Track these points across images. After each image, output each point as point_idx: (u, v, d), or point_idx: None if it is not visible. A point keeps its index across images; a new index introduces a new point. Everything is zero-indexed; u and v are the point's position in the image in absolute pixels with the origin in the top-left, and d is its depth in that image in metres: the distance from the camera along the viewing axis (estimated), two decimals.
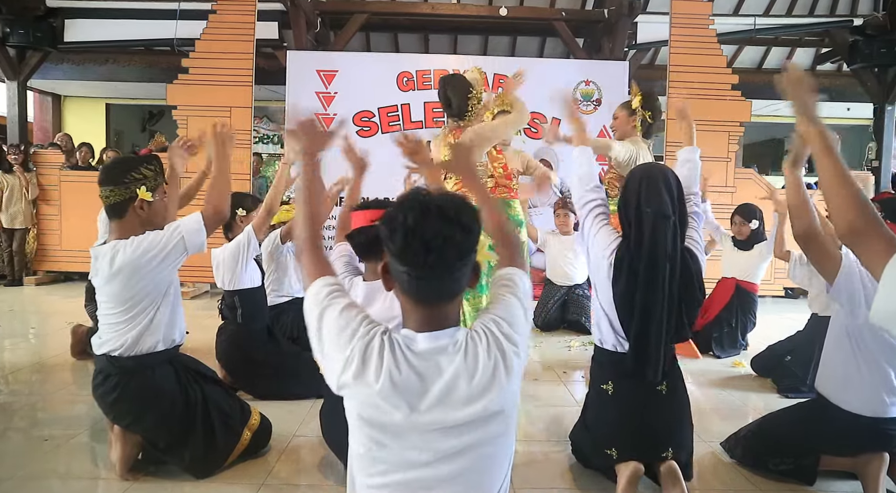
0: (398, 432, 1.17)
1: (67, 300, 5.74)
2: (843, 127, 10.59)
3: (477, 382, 1.16)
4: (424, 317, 1.21)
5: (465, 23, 7.75)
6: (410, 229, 1.13)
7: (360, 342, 1.18)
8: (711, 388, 3.56)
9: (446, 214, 1.14)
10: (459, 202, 1.19)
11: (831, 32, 7.75)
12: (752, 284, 4.35)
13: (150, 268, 2.10)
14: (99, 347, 2.22)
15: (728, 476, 2.42)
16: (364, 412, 1.19)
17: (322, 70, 6.54)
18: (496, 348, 1.19)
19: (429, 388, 1.16)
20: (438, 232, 1.12)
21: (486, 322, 1.24)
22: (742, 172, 6.83)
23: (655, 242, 2.06)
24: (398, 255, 1.16)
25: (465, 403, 1.16)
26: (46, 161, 6.91)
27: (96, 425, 2.71)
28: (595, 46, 7.78)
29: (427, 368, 1.17)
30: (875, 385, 2.14)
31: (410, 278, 1.17)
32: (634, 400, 2.16)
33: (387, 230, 1.17)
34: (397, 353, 1.17)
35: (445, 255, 1.14)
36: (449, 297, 1.22)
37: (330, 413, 2.28)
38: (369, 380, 1.15)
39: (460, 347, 1.19)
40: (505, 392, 1.19)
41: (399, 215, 1.15)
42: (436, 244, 1.12)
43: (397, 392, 1.15)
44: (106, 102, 10.47)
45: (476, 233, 1.19)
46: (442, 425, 1.17)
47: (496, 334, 1.21)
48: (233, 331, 3.27)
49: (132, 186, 2.15)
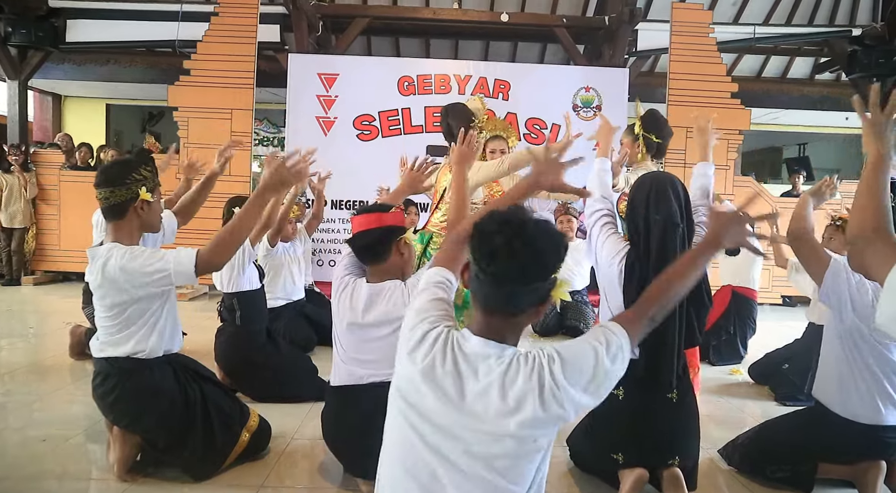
0: (429, 418, 1.21)
1: (66, 300, 5.73)
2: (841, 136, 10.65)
3: (509, 400, 1.17)
4: (482, 323, 1.26)
5: (466, 28, 7.78)
6: (486, 233, 1.19)
7: (426, 326, 1.28)
8: (710, 395, 3.56)
9: (525, 231, 1.18)
10: (549, 230, 1.22)
11: (830, 42, 7.79)
12: (750, 290, 4.36)
13: (134, 285, 2.09)
14: (97, 350, 2.22)
15: (726, 483, 2.43)
16: (403, 387, 1.26)
17: (323, 73, 6.55)
18: (537, 378, 1.17)
19: (464, 388, 1.20)
20: (508, 244, 1.16)
21: (541, 352, 1.22)
22: (741, 179, 6.85)
23: (665, 249, 2.09)
24: (471, 252, 1.24)
25: (495, 415, 1.17)
26: (46, 161, 6.91)
27: (94, 425, 2.70)
28: (595, 53, 7.81)
29: (467, 368, 1.21)
30: (870, 391, 2.16)
31: (476, 278, 1.24)
32: (644, 406, 2.17)
33: (473, 228, 1.24)
34: (448, 346, 1.24)
35: (509, 269, 1.17)
36: (504, 311, 1.23)
37: (331, 415, 2.28)
38: (416, 359, 1.24)
39: (504, 362, 1.20)
40: (537, 421, 1.16)
41: (486, 218, 1.23)
42: (501, 255, 1.17)
43: (433, 380, 1.21)
44: (106, 102, 10.48)
45: (549, 264, 1.20)
46: (469, 428, 1.18)
47: (543, 367, 1.19)
48: (232, 333, 3.27)
49: (133, 187, 2.15)
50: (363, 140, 6.53)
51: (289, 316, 4.09)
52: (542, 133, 6.59)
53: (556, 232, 1.25)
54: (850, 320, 2.15)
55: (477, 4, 8.08)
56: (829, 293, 2.15)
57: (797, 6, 8.27)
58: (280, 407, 2.97)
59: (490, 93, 6.59)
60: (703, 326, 2.23)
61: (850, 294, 2.12)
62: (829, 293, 2.15)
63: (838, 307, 2.16)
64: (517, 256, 1.16)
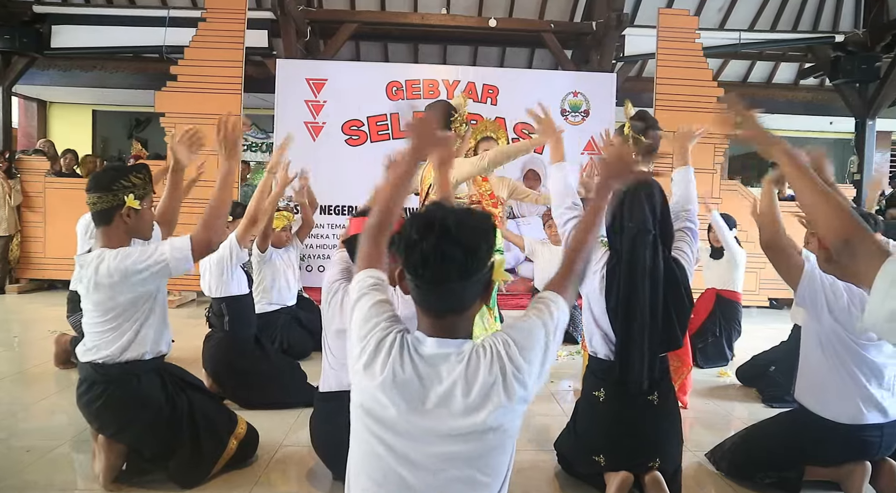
0: (395, 428, 1.19)
1: (51, 308, 5.66)
2: (825, 141, 10.79)
3: (474, 396, 1.17)
4: (433, 325, 1.24)
5: (454, 33, 7.80)
6: (413, 242, 1.17)
7: (378, 334, 1.23)
8: (697, 398, 3.58)
9: (449, 232, 1.15)
10: (471, 222, 1.19)
11: (814, 48, 7.90)
12: (734, 292, 4.40)
13: (131, 283, 2.08)
14: (84, 354, 2.20)
15: (715, 487, 2.44)
16: (366, 403, 1.22)
17: (311, 78, 6.55)
18: (498, 368, 1.19)
19: (427, 392, 1.18)
20: (437, 248, 1.15)
21: (496, 340, 1.24)
22: (727, 183, 6.92)
23: (634, 255, 2.13)
24: (402, 263, 1.21)
25: (462, 414, 1.17)
26: (31, 168, 6.83)
27: (79, 435, 2.67)
28: (583, 58, 7.86)
29: (428, 372, 1.19)
30: (850, 392, 2.18)
31: (413, 287, 1.22)
32: (624, 408, 2.19)
33: (396, 239, 1.22)
34: (405, 352, 1.21)
35: (444, 272, 1.16)
36: (453, 311, 1.23)
37: (320, 422, 2.27)
38: (375, 372, 1.19)
39: (463, 358, 1.20)
40: (504, 410, 1.18)
41: (407, 227, 1.20)
42: (434, 260, 1.15)
43: (396, 389, 1.18)
44: (92, 108, 10.40)
45: (481, 255, 1.19)
46: (436, 431, 1.18)
47: (501, 355, 1.20)
48: (220, 339, 3.25)
49: (120, 194, 2.14)
50: (352, 145, 6.53)
51: (283, 322, 4.07)
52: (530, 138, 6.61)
53: (480, 219, 1.22)
54: (828, 322, 2.18)
55: (465, 10, 8.11)
56: (805, 297, 2.19)
57: (781, 13, 8.38)
58: (268, 414, 2.95)
59: (478, 98, 6.61)
60: (685, 327, 2.25)
61: (825, 297, 2.16)
62: (805, 297, 2.19)
63: (815, 311, 2.20)
64: (449, 257, 1.15)
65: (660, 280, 2.13)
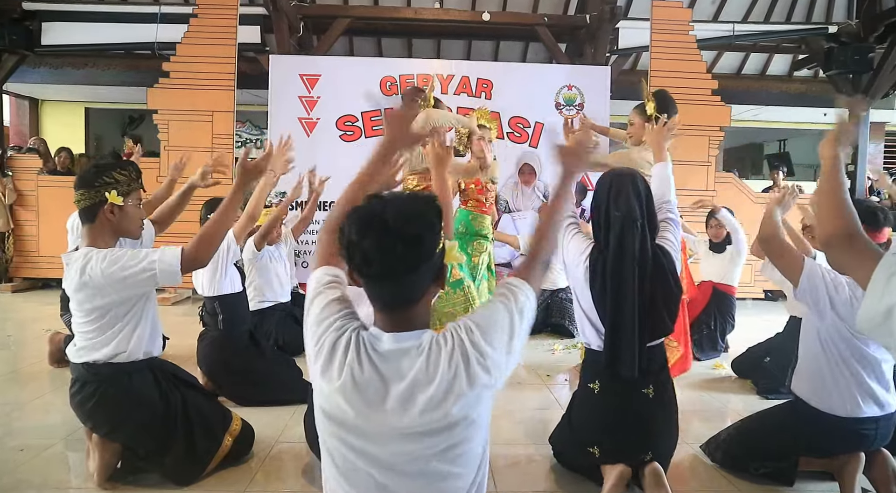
0: (358, 430, 1.17)
1: (45, 307, 5.63)
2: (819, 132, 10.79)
3: (435, 389, 1.14)
4: (388, 319, 1.21)
5: (448, 27, 7.77)
6: (352, 242, 1.14)
7: (332, 335, 1.19)
8: (692, 390, 3.59)
9: (388, 226, 1.12)
10: (409, 212, 1.15)
11: (807, 39, 7.89)
12: (729, 286, 4.42)
13: (116, 288, 2.06)
14: (74, 354, 2.19)
15: (709, 478, 2.45)
16: (325, 406, 1.19)
17: (305, 74, 6.51)
18: (460, 355, 1.16)
19: (389, 390, 1.15)
20: (378, 245, 1.12)
21: (457, 327, 1.21)
22: (722, 176, 6.92)
23: (622, 244, 2.13)
24: (346, 262, 1.18)
25: (425, 409, 1.14)
26: (23, 166, 6.79)
27: (73, 434, 2.66)
28: (577, 51, 7.84)
29: (388, 369, 1.16)
30: (849, 386, 2.18)
31: (363, 284, 1.19)
32: (619, 400, 2.19)
33: (338, 238, 1.19)
34: (361, 352, 1.17)
35: (389, 267, 1.13)
36: (406, 302, 1.20)
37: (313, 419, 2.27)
38: (332, 376, 1.16)
39: (423, 350, 1.17)
40: (468, 400, 1.16)
41: (346, 226, 1.16)
42: (375, 257, 1.12)
43: (357, 391, 1.15)
44: (85, 105, 10.33)
45: (426, 245, 1.15)
46: (401, 429, 1.15)
47: (463, 341, 1.18)
48: (214, 337, 3.24)
49: (102, 190, 2.12)
50: (346, 141, 6.50)
51: (277, 318, 4.06)
52: (525, 132, 6.60)
53: (420, 207, 1.18)
54: (830, 317, 2.16)
55: (458, 4, 8.08)
56: (806, 294, 2.15)
57: (775, 4, 8.37)
58: (263, 411, 2.95)
59: (473, 92, 6.59)
60: (675, 314, 2.23)
61: (827, 293, 2.13)
62: (806, 294, 2.15)
63: (816, 306, 2.17)
64: (392, 252, 1.12)
65: (648, 268, 2.14)
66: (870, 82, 7.43)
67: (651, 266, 2.15)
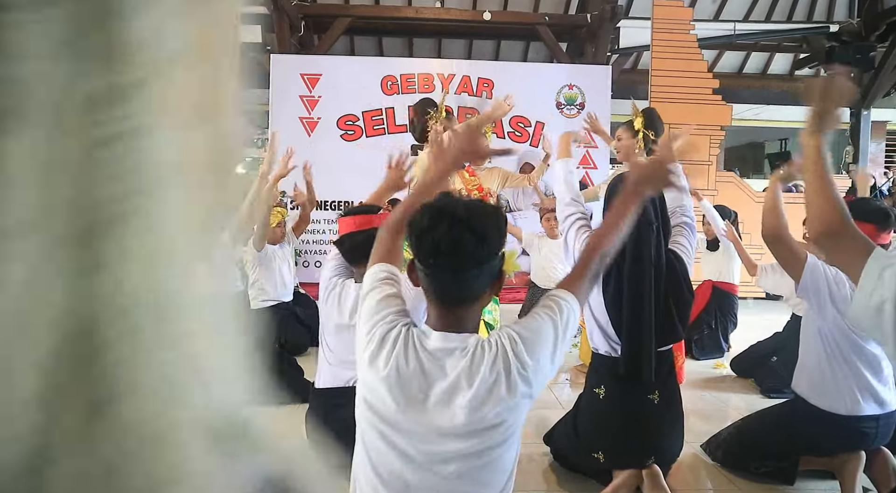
0: (397, 425, 1.18)
1: None
2: None
3: (474, 392, 1.16)
4: (441, 316, 1.24)
5: (448, 27, 7.77)
6: (424, 229, 1.17)
7: (383, 327, 1.22)
8: (693, 389, 3.59)
9: (461, 218, 1.16)
10: (482, 210, 1.20)
11: (809, 38, 7.89)
12: (730, 284, 4.41)
13: None
14: None
15: (710, 477, 2.45)
16: (369, 396, 1.22)
17: (306, 74, 6.52)
18: (502, 364, 1.17)
19: (431, 387, 1.18)
20: (449, 235, 1.15)
21: (502, 335, 1.22)
22: (723, 175, 6.91)
23: (639, 248, 2.11)
24: (414, 252, 1.21)
25: (465, 410, 1.16)
26: None
27: None
28: (578, 51, 7.84)
29: (433, 367, 1.19)
30: (849, 384, 2.19)
31: (424, 275, 1.21)
32: (624, 406, 2.19)
33: (408, 229, 1.23)
34: (409, 346, 1.20)
35: (456, 258, 1.16)
36: (462, 300, 1.23)
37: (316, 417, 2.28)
38: (379, 366, 1.19)
39: (468, 353, 1.19)
40: (507, 406, 1.17)
41: (419, 216, 1.20)
42: (445, 247, 1.15)
43: (400, 384, 1.17)
44: None
45: (494, 243, 1.19)
46: (438, 429, 1.17)
47: (507, 351, 1.19)
48: None
49: None
50: (347, 140, 6.51)
51: (280, 317, 4.06)
52: (525, 131, 6.60)
53: (490, 209, 1.24)
54: (832, 314, 2.16)
55: (459, 3, 8.08)
56: (808, 290, 2.16)
57: (776, 3, 8.36)
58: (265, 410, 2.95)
59: (474, 91, 6.60)
60: (686, 320, 2.25)
61: (829, 289, 2.14)
62: (808, 290, 2.16)
63: (818, 303, 2.17)
64: (461, 243, 1.15)
65: (662, 273, 2.13)
66: (871, 81, 7.43)
67: (665, 271, 2.15)
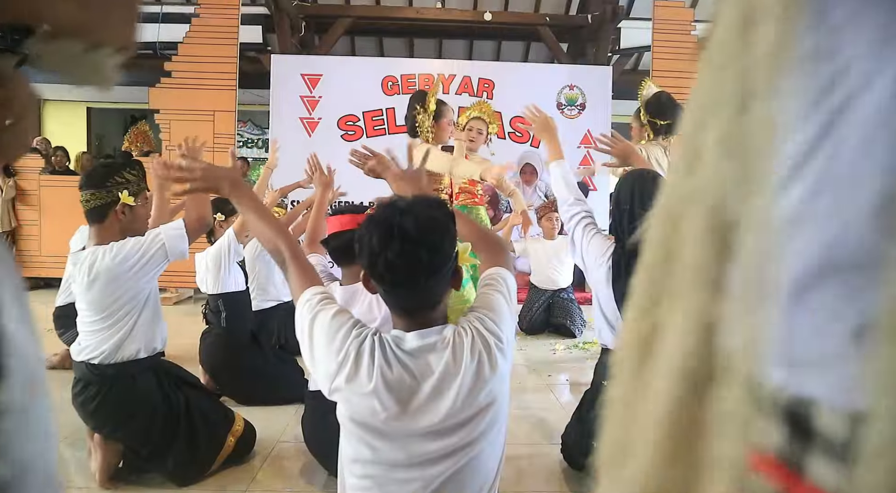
0: (389, 434, 1.18)
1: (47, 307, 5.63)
2: None
3: (461, 380, 1.18)
4: (409, 322, 1.25)
5: (449, 27, 7.78)
6: (374, 252, 1.16)
7: (353, 344, 1.20)
8: None
9: (410, 235, 1.14)
10: (428, 220, 1.18)
11: None
12: None
13: (129, 275, 2.08)
14: (78, 354, 2.19)
15: None
16: (356, 415, 1.20)
17: (306, 74, 6.51)
18: (481, 344, 1.21)
19: (421, 386, 1.18)
20: (401, 254, 1.14)
21: (471, 319, 1.26)
22: None
23: None
24: (367, 272, 1.20)
25: (455, 402, 1.18)
26: (26, 166, 6.80)
27: (75, 433, 2.66)
28: (579, 51, 7.84)
29: (418, 366, 1.19)
30: None
31: (383, 291, 1.22)
32: None
33: (357, 247, 1.21)
34: (387, 352, 1.20)
35: (411, 274, 1.17)
36: (425, 307, 1.24)
37: (310, 421, 2.27)
38: (362, 381, 1.17)
39: (448, 343, 1.21)
40: (493, 382, 1.21)
41: (366, 235, 1.18)
42: (399, 265, 1.15)
43: (389, 390, 1.17)
44: (87, 105, 10.35)
45: (446, 250, 1.20)
46: (431, 426, 1.18)
47: (481, 330, 1.23)
48: (217, 336, 3.24)
49: (114, 190, 2.13)
50: (347, 140, 6.50)
51: (280, 318, 4.05)
52: (526, 132, 6.60)
53: (436, 213, 1.20)
54: None
55: (460, 4, 8.08)
56: None
57: None
58: (265, 410, 2.95)
59: (474, 92, 6.59)
60: None
61: None
62: None
63: None
64: (415, 263, 1.15)
65: None
66: None
67: None
